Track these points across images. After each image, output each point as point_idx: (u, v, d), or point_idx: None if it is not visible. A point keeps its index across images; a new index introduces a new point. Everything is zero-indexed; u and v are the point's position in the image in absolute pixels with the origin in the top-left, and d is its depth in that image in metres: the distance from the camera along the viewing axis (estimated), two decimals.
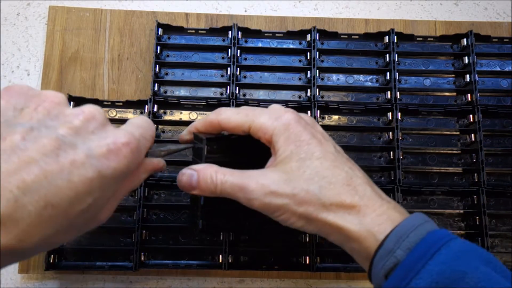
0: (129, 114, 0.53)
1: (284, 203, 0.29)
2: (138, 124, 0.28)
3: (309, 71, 0.54)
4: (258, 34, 0.55)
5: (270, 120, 0.31)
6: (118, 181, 0.24)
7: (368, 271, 0.30)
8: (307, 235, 0.49)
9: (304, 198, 0.29)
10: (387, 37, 0.55)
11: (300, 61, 0.56)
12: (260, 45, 0.56)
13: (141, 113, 0.53)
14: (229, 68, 0.53)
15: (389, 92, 0.53)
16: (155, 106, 0.52)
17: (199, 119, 0.36)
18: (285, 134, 0.30)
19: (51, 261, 0.47)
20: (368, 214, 0.29)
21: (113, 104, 0.53)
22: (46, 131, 0.22)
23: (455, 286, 0.25)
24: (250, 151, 0.34)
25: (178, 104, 0.53)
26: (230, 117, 0.32)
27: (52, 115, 0.23)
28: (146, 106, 0.52)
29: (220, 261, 0.48)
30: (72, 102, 0.52)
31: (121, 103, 0.52)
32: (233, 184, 0.29)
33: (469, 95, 0.53)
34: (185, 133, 0.36)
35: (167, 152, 0.34)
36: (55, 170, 0.21)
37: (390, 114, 0.52)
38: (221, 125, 0.33)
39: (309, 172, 0.29)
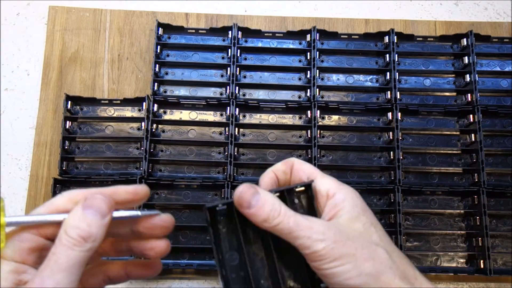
0: (127, 112, 0.53)
1: (352, 253, 0.28)
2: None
3: (309, 71, 0.54)
4: (258, 34, 0.55)
5: (335, 182, 0.31)
6: None
7: None
8: None
9: (372, 256, 0.28)
10: (387, 37, 0.55)
11: (300, 61, 0.56)
12: (260, 45, 0.56)
13: (139, 110, 0.53)
14: (229, 68, 0.53)
15: (389, 92, 0.53)
16: (155, 105, 0.52)
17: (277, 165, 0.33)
18: (353, 199, 0.31)
19: None
20: None
21: (110, 103, 0.53)
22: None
23: None
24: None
25: (178, 103, 0.53)
26: (302, 164, 0.32)
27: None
28: (144, 104, 0.52)
29: None
30: (69, 102, 0.52)
31: (118, 101, 0.52)
32: (299, 221, 0.27)
33: (469, 95, 0.53)
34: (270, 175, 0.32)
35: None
36: None
37: (390, 114, 0.52)
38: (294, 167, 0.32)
39: (375, 237, 0.30)
